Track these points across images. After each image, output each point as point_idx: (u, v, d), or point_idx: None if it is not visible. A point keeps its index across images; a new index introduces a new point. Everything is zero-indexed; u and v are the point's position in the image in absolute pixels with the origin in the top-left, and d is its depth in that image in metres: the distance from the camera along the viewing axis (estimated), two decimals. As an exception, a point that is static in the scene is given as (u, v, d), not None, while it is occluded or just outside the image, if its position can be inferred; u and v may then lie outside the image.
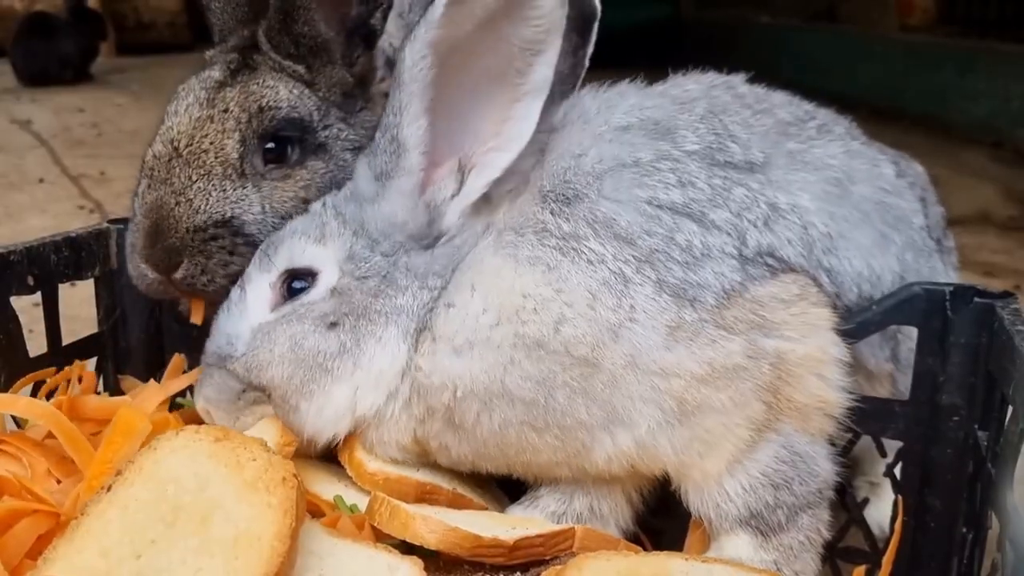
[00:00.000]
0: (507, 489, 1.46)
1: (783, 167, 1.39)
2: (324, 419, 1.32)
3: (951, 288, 1.33)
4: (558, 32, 1.24)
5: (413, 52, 1.22)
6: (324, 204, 1.41)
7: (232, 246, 1.49)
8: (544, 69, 1.27)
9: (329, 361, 1.30)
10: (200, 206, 1.49)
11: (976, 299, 1.31)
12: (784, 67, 7.71)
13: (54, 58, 8.32)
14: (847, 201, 1.44)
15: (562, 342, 1.21)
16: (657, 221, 1.24)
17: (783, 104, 1.55)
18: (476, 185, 1.30)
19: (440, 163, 1.31)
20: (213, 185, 1.50)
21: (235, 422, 1.37)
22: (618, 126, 1.34)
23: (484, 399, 1.24)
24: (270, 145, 1.55)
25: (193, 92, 1.58)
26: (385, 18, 1.65)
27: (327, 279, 1.33)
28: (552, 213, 1.26)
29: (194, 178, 1.50)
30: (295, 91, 1.57)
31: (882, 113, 6.22)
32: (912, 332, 1.41)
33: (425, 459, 1.36)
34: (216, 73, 1.60)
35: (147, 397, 1.53)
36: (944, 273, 1.65)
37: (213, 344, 1.40)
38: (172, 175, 1.51)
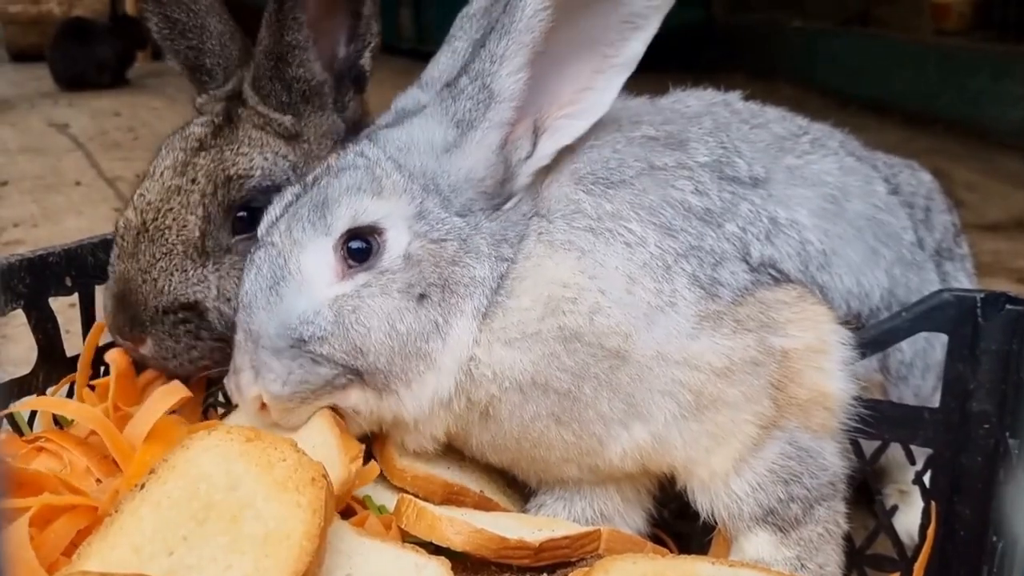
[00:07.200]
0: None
1: (783, 182, 1.42)
2: (422, 404, 1.26)
3: (982, 295, 1.33)
4: (663, 11, 1.24)
5: (536, 0, 1.19)
6: (371, 156, 1.30)
7: (197, 330, 1.46)
8: (637, 45, 1.26)
9: (424, 343, 1.23)
10: (164, 287, 1.47)
11: (1008, 306, 1.31)
12: (817, 71, 7.65)
13: (91, 63, 8.40)
14: (841, 218, 1.46)
15: (596, 333, 1.21)
16: (689, 221, 1.27)
17: (777, 119, 1.58)
18: (547, 150, 1.28)
19: (520, 121, 1.28)
20: (175, 265, 1.48)
21: (290, 416, 1.28)
22: (646, 135, 1.36)
23: (526, 391, 1.24)
24: (241, 214, 1.51)
25: (172, 153, 1.56)
26: (374, 59, 1.62)
27: (397, 240, 1.24)
28: (588, 193, 1.26)
29: (157, 256, 1.48)
30: (270, 156, 1.54)
31: (916, 118, 6.15)
32: (903, 344, 1.44)
33: (448, 446, 1.35)
34: (198, 129, 1.58)
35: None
36: (941, 284, 1.66)
37: (271, 324, 1.24)
38: (138, 251, 1.50)
